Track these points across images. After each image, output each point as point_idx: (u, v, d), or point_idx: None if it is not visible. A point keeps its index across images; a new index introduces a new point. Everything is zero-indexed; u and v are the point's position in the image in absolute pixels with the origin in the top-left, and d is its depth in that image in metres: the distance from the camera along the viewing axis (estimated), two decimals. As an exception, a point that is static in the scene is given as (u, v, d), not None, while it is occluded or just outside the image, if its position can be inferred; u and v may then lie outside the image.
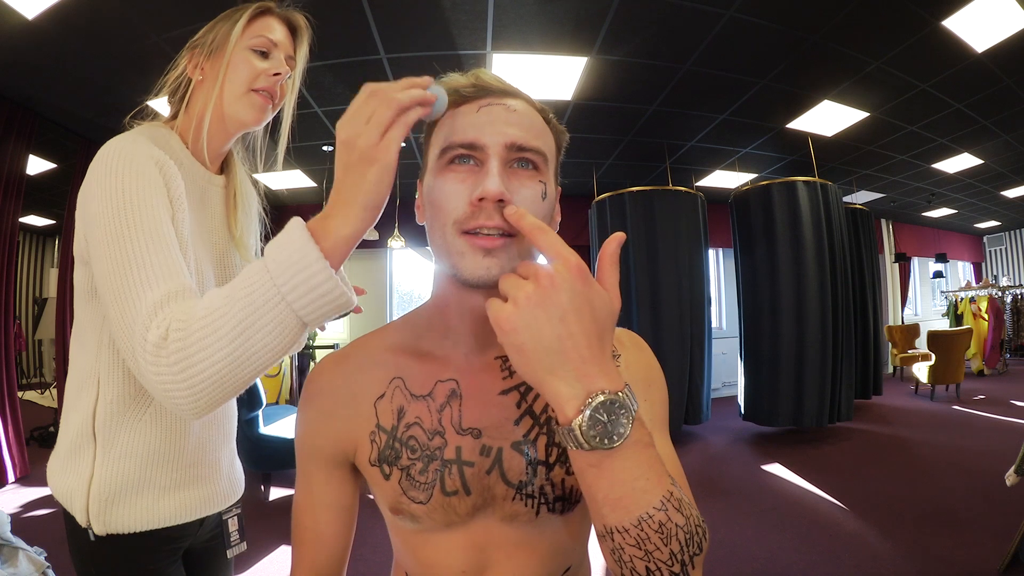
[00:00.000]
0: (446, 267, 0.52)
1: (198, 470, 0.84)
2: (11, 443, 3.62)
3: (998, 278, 10.03)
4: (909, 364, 6.85)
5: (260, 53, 0.83)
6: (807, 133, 4.64)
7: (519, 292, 0.40)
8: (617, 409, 0.39)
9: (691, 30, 3.06)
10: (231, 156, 0.94)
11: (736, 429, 4.96)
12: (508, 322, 0.40)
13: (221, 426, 0.90)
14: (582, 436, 0.39)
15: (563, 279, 0.40)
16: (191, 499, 0.83)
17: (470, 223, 0.49)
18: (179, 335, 0.53)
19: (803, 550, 2.44)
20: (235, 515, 0.95)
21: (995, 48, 3.31)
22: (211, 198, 0.89)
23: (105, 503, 0.75)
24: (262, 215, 1.02)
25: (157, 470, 0.79)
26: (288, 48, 0.86)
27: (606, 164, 5.41)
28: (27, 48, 2.95)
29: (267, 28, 0.83)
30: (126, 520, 0.76)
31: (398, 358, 0.59)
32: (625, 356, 0.62)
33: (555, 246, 0.42)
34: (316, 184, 5.69)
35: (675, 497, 0.42)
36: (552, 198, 0.54)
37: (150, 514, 0.78)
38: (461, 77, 0.53)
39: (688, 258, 4.55)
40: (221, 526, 0.93)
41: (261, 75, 0.82)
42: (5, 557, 1.97)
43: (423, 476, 0.55)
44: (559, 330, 0.39)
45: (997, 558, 2.16)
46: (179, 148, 0.82)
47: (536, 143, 0.51)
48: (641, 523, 0.40)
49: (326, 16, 2.81)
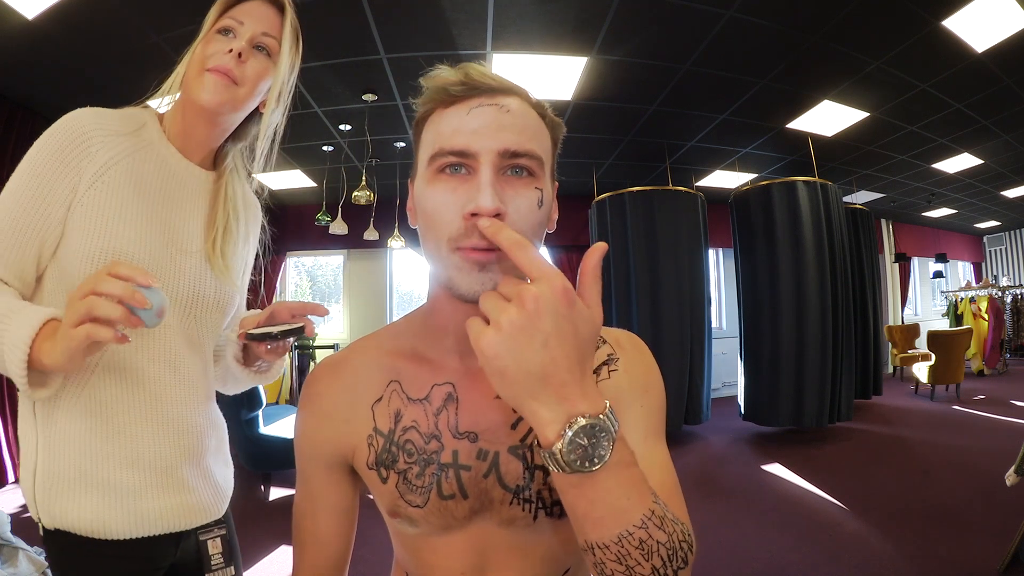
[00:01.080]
0: (441, 278, 0.51)
1: (153, 478, 0.78)
2: (11, 443, 3.62)
3: (998, 278, 10.02)
4: (909, 364, 6.85)
5: (223, 32, 0.78)
6: (807, 133, 4.64)
7: (502, 316, 0.39)
8: (598, 432, 0.39)
9: (691, 30, 3.06)
10: (225, 158, 0.89)
11: (736, 429, 4.95)
12: (490, 348, 0.39)
13: (179, 437, 0.81)
14: (562, 460, 0.39)
15: (547, 303, 0.38)
16: (146, 510, 0.77)
17: (464, 241, 0.47)
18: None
19: (803, 550, 2.44)
20: (217, 536, 0.88)
21: (995, 48, 3.31)
22: (189, 190, 0.84)
23: (49, 493, 0.73)
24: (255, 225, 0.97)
25: (104, 465, 0.74)
26: (269, 25, 0.80)
27: (606, 164, 5.41)
28: (27, 48, 2.95)
29: (241, 11, 0.79)
30: (70, 516, 0.73)
31: (395, 361, 0.59)
32: (624, 359, 0.61)
33: (537, 265, 0.40)
34: (316, 184, 5.69)
35: (656, 515, 0.42)
36: (549, 202, 0.52)
37: (101, 514, 0.74)
38: (450, 73, 0.50)
39: (688, 258, 4.55)
40: (199, 548, 0.86)
41: (216, 53, 0.77)
42: (5, 557, 1.97)
43: (420, 480, 0.55)
44: (542, 356, 0.38)
45: (997, 558, 2.15)
46: (153, 131, 0.82)
47: (531, 146, 0.49)
48: (621, 540, 0.40)
49: (326, 16, 2.81)
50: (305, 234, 6.42)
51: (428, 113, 0.52)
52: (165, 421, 0.80)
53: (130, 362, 0.76)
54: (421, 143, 0.52)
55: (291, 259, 7.24)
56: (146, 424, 0.78)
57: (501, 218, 0.46)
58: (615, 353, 0.61)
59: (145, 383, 0.77)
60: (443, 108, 0.50)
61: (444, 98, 0.50)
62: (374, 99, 3.76)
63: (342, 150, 4.77)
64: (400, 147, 4.80)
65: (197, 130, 0.83)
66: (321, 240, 6.39)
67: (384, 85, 3.60)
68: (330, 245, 6.57)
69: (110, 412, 0.75)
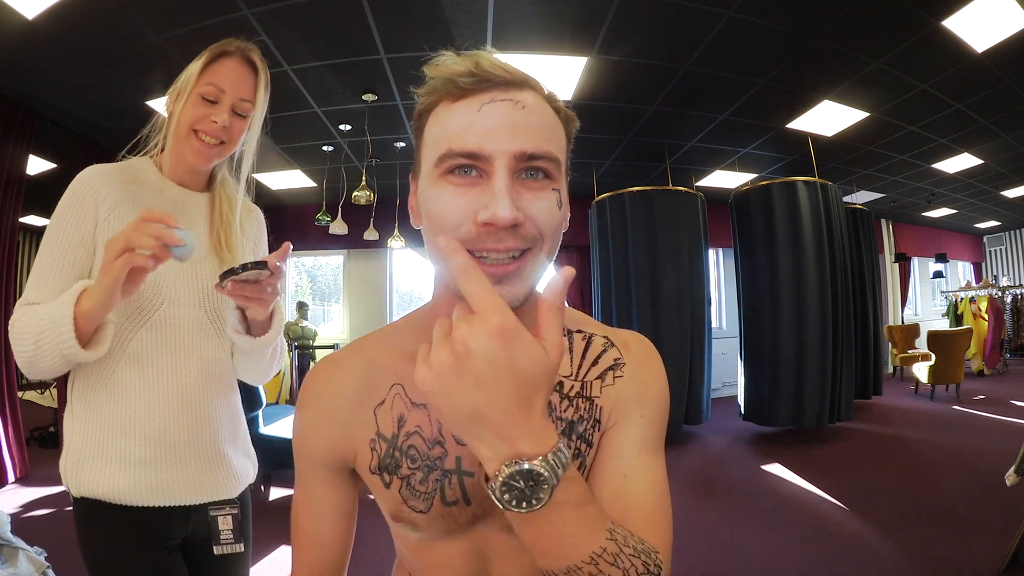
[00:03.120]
0: (450, 283, 0.48)
1: (163, 451, 0.90)
2: (11, 443, 3.62)
3: (998, 278, 10.02)
4: (909, 364, 6.85)
5: (208, 101, 0.91)
6: (807, 133, 4.64)
7: (434, 356, 0.37)
8: (536, 477, 0.37)
9: (691, 30, 3.06)
10: (217, 177, 1.04)
11: (736, 429, 4.95)
12: (423, 384, 0.37)
13: (192, 419, 0.93)
14: (498, 498, 0.38)
15: (478, 344, 0.35)
16: (154, 481, 0.89)
17: (476, 246, 0.43)
18: (13, 320, 0.83)
19: (803, 550, 2.44)
20: (229, 514, 0.97)
21: (995, 48, 3.31)
22: (190, 212, 0.99)
23: (76, 464, 0.88)
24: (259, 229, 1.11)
25: (120, 441, 0.88)
26: (245, 90, 0.93)
27: (606, 164, 5.41)
28: (27, 48, 2.95)
29: (220, 75, 0.91)
30: (91, 483, 0.86)
31: (398, 363, 0.57)
32: (629, 365, 0.59)
33: (477, 298, 0.37)
34: (316, 184, 5.69)
35: (609, 552, 0.41)
36: (566, 203, 0.49)
37: (112, 483, 0.87)
38: (457, 62, 0.44)
39: (688, 258, 4.55)
40: (210, 522, 0.96)
41: (202, 119, 0.91)
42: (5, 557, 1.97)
43: (423, 486, 0.54)
44: (475, 397, 0.36)
45: (997, 558, 2.15)
46: (151, 173, 0.97)
47: (548, 147, 0.45)
48: (570, 572, 0.40)
49: (326, 16, 2.81)
50: (305, 234, 6.42)
51: (432, 105, 0.47)
52: (180, 406, 0.91)
53: (149, 354, 0.90)
54: (425, 138, 0.48)
55: (291, 259, 7.24)
56: (159, 407, 0.90)
57: (520, 227, 0.43)
58: (622, 358, 0.59)
59: (163, 372, 0.90)
60: (450, 102, 0.45)
61: (451, 90, 0.45)
62: (374, 99, 3.76)
63: (342, 150, 4.77)
64: (400, 147, 4.80)
65: (190, 173, 0.99)
66: (321, 240, 6.39)
67: (384, 85, 3.59)
68: (330, 245, 6.57)
69: (128, 397, 0.89)
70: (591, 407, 0.56)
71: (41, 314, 0.79)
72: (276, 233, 0.97)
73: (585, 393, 0.57)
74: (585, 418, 0.56)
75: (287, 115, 3.98)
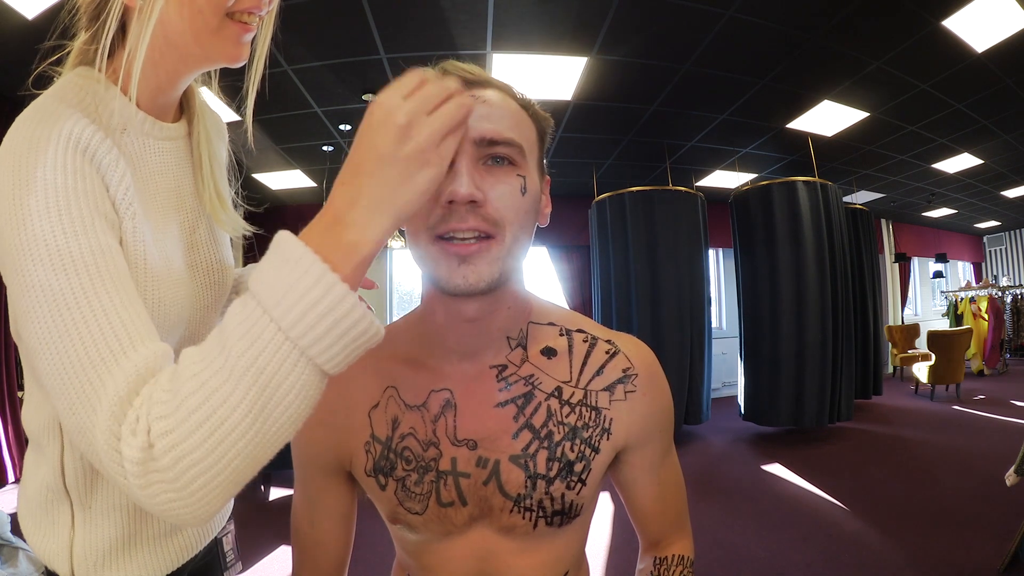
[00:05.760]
0: (426, 273, 0.51)
1: None
2: (11, 443, 3.62)
3: (998, 278, 10.02)
4: (909, 364, 6.85)
5: None
6: (807, 133, 4.64)
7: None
8: None
9: (691, 30, 3.06)
10: (191, 93, 0.68)
11: (736, 429, 4.95)
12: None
13: None
14: None
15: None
16: (188, 538, 0.71)
17: (442, 227, 0.47)
18: (170, 441, 0.36)
19: (803, 550, 2.44)
20: (228, 532, 0.85)
21: (995, 48, 3.31)
22: (169, 157, 0.65)
23: (94, 567, 0.61)
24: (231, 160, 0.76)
25: (147, 522, 0.64)
26: None
27: (606, 164, 5.41)
28: (27, 48, 2.95)
29: None
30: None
31: (391, 366, 0.58)
32: (641, 380, 0.59)
33: None
34: (316, 184, 5.68)
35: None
36: (535, 192, 0.51)
37: (147, 569, 0.65)
38: (426, 70, 0.50)
39: (688, 258, 4.55)
40: (215, 547, 0.81)
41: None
42: (5, 557, 1.97)
43: (419, 487, 0.55)
44: None
45: (997, 558, 2.15)
46: (122, 105, 0.57)
47: (510, 135, 0.48)
48: None
49: (326, 16, 2.81)
50: (305, 234, 6.41)
51: None
52: None
53: None
54: None
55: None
56: None
57: (479, 204, 0.46)
58: (632, 369, 0.59)
59: None
60: None
61: None
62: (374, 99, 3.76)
63: (342, 150, 4.77)
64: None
65: (176, 86, 0.61)
66: (321, 240, 6.38)
67: (384, 85, 3.54)
68: (330, 245, 6.55)
69: None
70: (598, 416, 0.57)
71: (219, 364, 0.37)
72: (276, 233, 0.90)
73: (589, 402, 0.57)
74: (591, 426, 0.56)
75: (287, 115, 3.98)
